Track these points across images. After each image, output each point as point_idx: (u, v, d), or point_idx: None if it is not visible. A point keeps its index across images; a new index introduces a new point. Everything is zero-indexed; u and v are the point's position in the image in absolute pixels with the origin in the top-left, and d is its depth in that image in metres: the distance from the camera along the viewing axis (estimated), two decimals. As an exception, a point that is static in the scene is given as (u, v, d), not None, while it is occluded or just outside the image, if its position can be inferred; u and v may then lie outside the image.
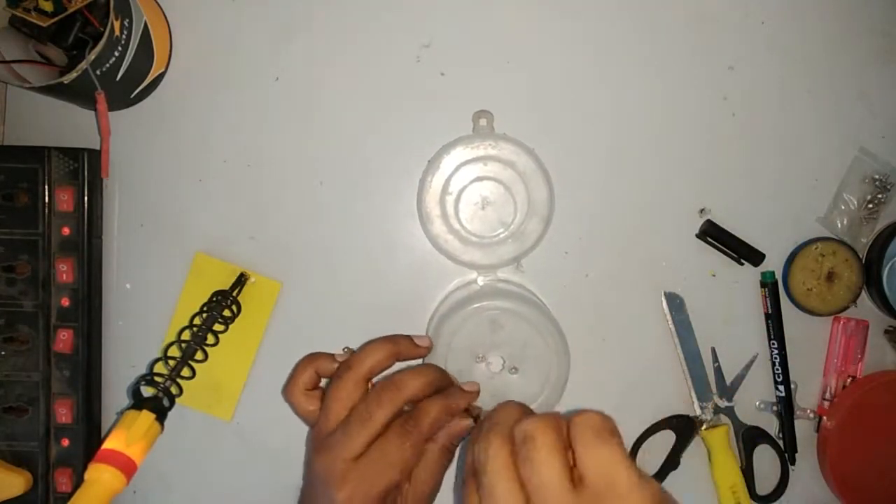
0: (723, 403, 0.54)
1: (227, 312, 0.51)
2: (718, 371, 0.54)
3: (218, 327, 0.51)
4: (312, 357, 0.48)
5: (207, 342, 0.50)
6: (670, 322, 0.54)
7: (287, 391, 0.48)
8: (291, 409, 0.48)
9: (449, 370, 0.49)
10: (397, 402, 0.43)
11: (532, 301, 0.50)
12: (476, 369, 0.50)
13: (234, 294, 0.52)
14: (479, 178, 0.51)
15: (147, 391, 0.48)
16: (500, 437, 0.34)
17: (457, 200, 0.51)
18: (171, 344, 0.51)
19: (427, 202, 0.51)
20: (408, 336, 0.48)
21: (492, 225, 0.51)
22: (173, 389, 0.49)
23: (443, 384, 0.46)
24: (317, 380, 0.48)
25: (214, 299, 0.51)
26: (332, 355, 0.48)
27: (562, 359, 0.49)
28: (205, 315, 0.51)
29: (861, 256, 0.53)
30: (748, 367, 0.54)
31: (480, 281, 0.52)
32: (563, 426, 0.33)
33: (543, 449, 0.32)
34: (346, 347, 0.53)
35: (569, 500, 0.31)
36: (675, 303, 0.54)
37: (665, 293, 0.54)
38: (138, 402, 0.47)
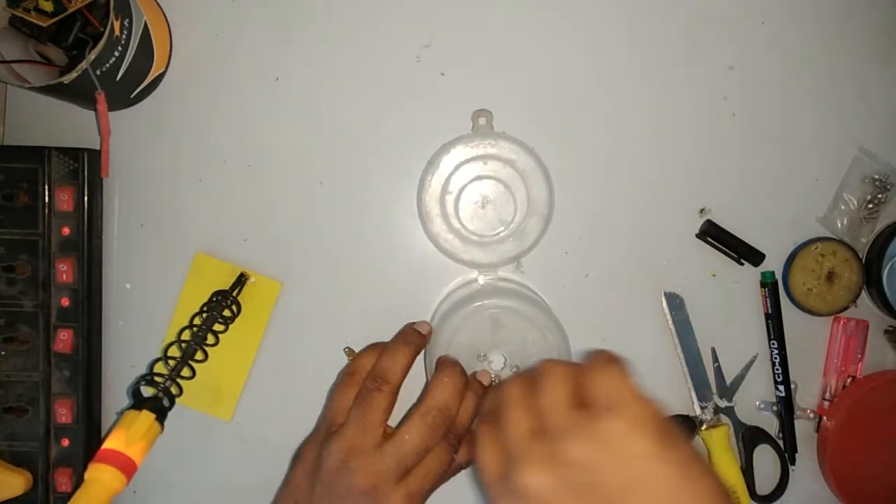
0: (723, 403, 0.54)
1: (227, 312, 0.51)
2: (718, 371, 0.54)
3: (218, 327, 0.51)
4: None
5: (207, 342, 0.50)
6: (670, 322, 0.54)
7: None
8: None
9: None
10: (447, 421, 0.45)
11: (533, 299, 0.50)
12: (478, 368, 0.50)
13: (234, 294, 0.52)
14: (479, 177, 0.51)
15: (147, 391, 0.48)
16: (516, 378, 0.39)
17: (457, 199, 0.51)
18: (171, 344, 0.51)
19: (427, 201, 0.51)
20: (413, 329, 0.49)
21: (492, 224, 0.51)
22: (173, 389, 0.49)
23: (465, 386, 0.47)
24: None
25: (214, 299, 0.51)
26: None
27: (563, 356, 0.49)
28: (205, 315, 0.51)
29: (861, 256, 0.53)
30: (748, 367, 0.54)
31: (481, 280, 0.52)
32: (576, 367, 0.37)
33: (552, 377, 0.37)
34: (347, 347, 0.53)
35: (570, 418, 0.34)
36: (675, 303, 0.54)
37: (665, 293, 0.54)
38: (138, 402, 0.47)
